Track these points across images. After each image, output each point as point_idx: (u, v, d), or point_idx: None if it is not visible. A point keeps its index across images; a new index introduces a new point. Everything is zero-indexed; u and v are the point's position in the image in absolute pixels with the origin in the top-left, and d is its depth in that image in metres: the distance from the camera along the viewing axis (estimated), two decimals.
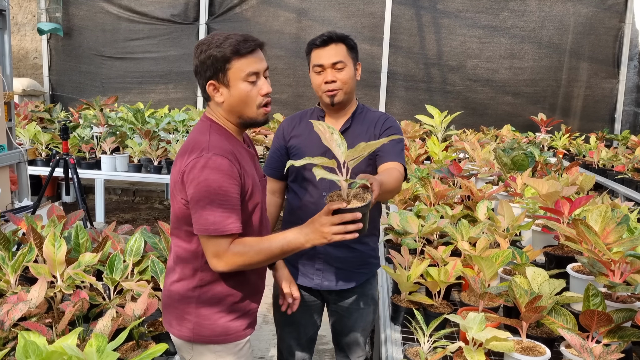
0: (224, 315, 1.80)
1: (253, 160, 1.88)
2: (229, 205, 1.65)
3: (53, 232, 2.10)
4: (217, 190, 1.64)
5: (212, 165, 1.64)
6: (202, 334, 1.79)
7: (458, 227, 2.75)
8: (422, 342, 1.93)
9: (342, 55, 2.26)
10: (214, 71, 1.71)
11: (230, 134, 1.81)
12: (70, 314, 1.77)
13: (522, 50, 7.86)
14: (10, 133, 3.82)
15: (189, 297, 1.79)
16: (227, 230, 1.65)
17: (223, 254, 1.67)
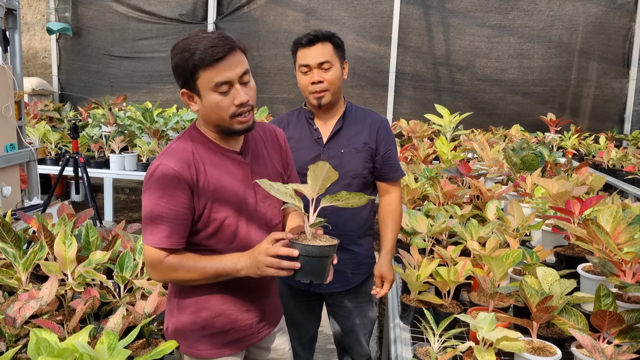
0: (197, 328, 1.75)
1: (245, 169, 1.74)
2: (166, 219, 1.58)
3: (64, 231, 2.11)
4: (155, 202, 1.58)
5: (156, 175, 1.59)
6: (177, 339, 1.75)
7: (467, 227, 2.75)
8: (432, 342, 1.93)
9: (329, 55, 2.22)
10: (184, 80, 1.61)
11: (209, 141, 1.69)
12: (81, 311, 1.78)
13: (531, 49, 7.83)
14: (20, 132, 3.85)
15: (172, 300, 1.78)
16: (159, 243, 1.59)
17: (157, 265, 1.62)
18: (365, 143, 2.32)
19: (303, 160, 2.23)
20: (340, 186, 2.23)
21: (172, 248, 1.60)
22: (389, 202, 2.42)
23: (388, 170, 2.38)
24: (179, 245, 1.62)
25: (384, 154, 2.35)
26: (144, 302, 1.93)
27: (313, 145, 2.30)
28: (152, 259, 1.61)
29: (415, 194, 3.51)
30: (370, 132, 2.33)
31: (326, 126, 2.34)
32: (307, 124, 2.34)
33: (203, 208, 1.64)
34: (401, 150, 5.15)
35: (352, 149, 2.30)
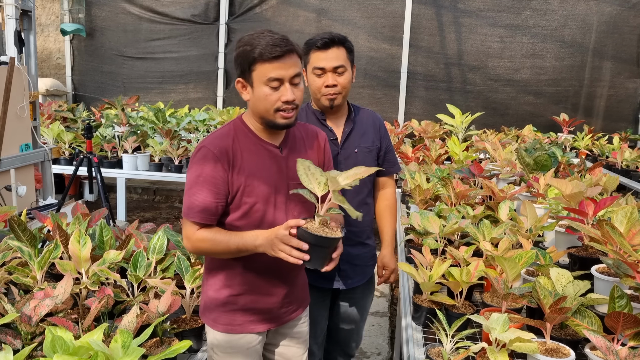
0: (219, 304, 1.91)
1: (280, 162, 1.88)
2: (200, 195, 1.77)
3: (78, 230, 2.13)
4: (194, 180, 1.78)
5: (198, 157, 1.80)
6: (204, 314, 1.95)
7: (480, 228, 2.74)
8: (444, 343, 1.92)
9: (343, 59, 2.28)
10: (242, 70, 1.79)
11: (250, 132, 1.86)
12: (96, 310, 1.80)
13: (544, 49, 7.78)
14: (35, 132, 3.88)
15: (204, 276, 1.97)
16: (193, 217, 1.78)
17: (190, 236, 1.81)
18: (373, 141, 2.47)
19: None
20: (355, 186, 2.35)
21: (205, 223, 1.79)
22: (387, 196, 2.60)
23: (387, 165, 2.54)
24: (210, 221, 1.79)
25: (385, 150, 2.53)
26: (157, 301, 1.94)
27: (330, 146, 2.34)
28: (186, 231, 1.82)
29: (427, 194, 3.50)
30: (374, 130, 2.48)
31: (337, 127, 2.41)
32: (319, 124, 2.38)
33: (236, 191, 1.80)
34: (413, 150, 5.14)
35: (364, 148, 2.44)
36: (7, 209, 2.70)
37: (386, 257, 2.59)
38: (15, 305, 1.90)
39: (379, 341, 3.66)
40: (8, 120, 3.42)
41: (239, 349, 1.92)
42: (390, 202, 2.60)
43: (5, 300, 1.85)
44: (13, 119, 3.55)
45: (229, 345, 1.91)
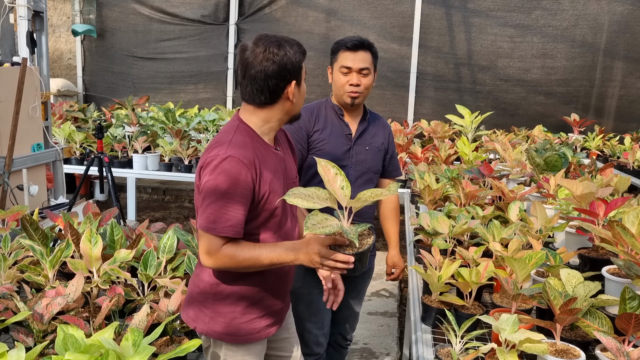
0: (237, 316, 1.84)
1: (281, 163, 1.88)
2: (232, 208, 1.68)
3: (89, 229, 2.15)
4: (224, 192, 1.68)
5: (225, 167, 1.68)
6: (214, 330, 1.83)
7: (489, 228, 2.73)
8: (453, 343, 1.92)
9: (369, 62, 2.46)
10: (296, 72, 1.78)
11: (257, 136, 1.82)
12: (107, 308, 1.81)
13: (554, 49, 7.73)
14: (46, 132, 3.91)
15: (207, 292, 1.84)
16: (222, 232, 1.69)
17: (214, 252, 1.71)
18: (382, 143, 2.63)
19: (335, 152, 2.45)
20: (364, 180, 2.56)
21: (235, 237, 1.71)
22: (391, 199, 2.79)
23: (392, 168, 2.73)
24: (241, 235, 1.72)
25: (391, 154, 2.70)
26: (168, 300, 1.96)
27: (344, 140, 2.50)
28: (210, 246, 1.70)
29: (437, 195, 3.49)
30: (384, 133, 2.66)
31: (353, 123, 2.55)
32: (337, 118, 2.52)
33: (260, 199, 1.76)
34: (422, 150, 5.13)
35: (374, 147, 2.58)
36: (19, 208, 2.73)
37: (395, 257, 2.79)
38: (28, 304, 1.92)
39: (387, 341, 3.66)
40: (20, 121, 3.45)
41: (256, 353, 1.90)
42: (394, 205, 2.80)
43: (17, 299, 1.87)
44: (25, 119, 3.58)
45: (247, 353, 1.87)
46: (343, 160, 2.49)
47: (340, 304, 2.71)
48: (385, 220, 2.79)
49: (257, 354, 1.90)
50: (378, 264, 3.20)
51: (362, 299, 2.82)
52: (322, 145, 2.45)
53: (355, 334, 3.74)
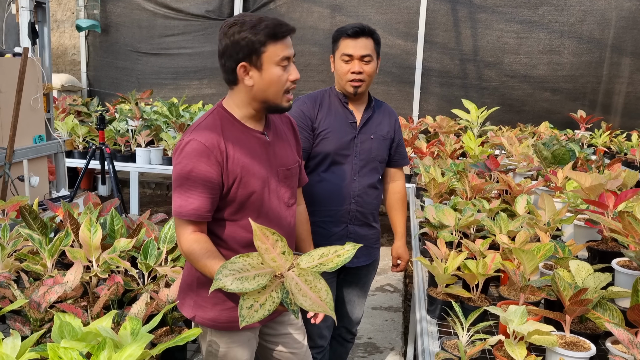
0: (219, 302, 1.79)
1: (265, 147, 1.82)
2: (194, 192, 1.66)
3: (89, 218, 2.11)
4: (186, 175, 1.66)
5: (187, 150, 1.67)
6: (199, 315, 1.80)
7: (496, 221, 2.68)
8: (460, 335, 1.87)
9: (371, 49, 2.39)
10: (248, 53, 1.68)
11: (235, 120, 1.77)
12: (105, 296, 1.77)
13: (561, 45, 7.66)
14: (48, 124, 3.88)
15: (192, 276, 1.81)
16: (187, 215, 1.66)
17: (182, 238, 1.69)
18: (388, 131, 2.57)
19: (340, 141, 2.40)
20: (368, 169, 2.48)
21: (200, 221, 1.68)
22: (398, 189, 2.72)
23: (399, 157, 2.66)
24: (205, 219, 1.69)
25: (398, 142, 2.63)
26: (168, 290, 1.92)
27: (348, 128, 2.44)
28: (179, 231, 1.69)
29: (442, 188, 3.44)
30: (389, 121, 2.59)
31: (357, 112, 2.49)
32: (341, 106, 2.46)
33: (231, 184, 1.71)
34: (427, 145, 5.08)
35: (380, 136, 2.52)
36: (19, 199, 2.69)
37: (400, 248, 2.72)
38: (25, 292, 1.88)
39: (392, 336, 3.61)
40: (22, 112, 3.42)
41: (241, 342, 1.84)
42: (401, 195, 2.71)
43: (14, 287, 1.84)
44: (27, 110, 3.55)
45: (231, 341, 1.83)
46: (347, 149, 2.44)
47: (345, 297, 2.68)
48: (391, 210, 2.73)
49: (244, 342, 1.84)
50: (383, 259, 3.14)
51: (366, 292, 2.77)
52: (326, 133, 2.40)
53: (360, 329, 3.70)
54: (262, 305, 1.35)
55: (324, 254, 1.39)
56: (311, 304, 1.31)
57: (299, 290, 1.33)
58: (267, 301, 1.36)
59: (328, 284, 2.49)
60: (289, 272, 1.37)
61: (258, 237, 1.35)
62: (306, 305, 1.31)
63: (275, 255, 1.36)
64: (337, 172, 2.42)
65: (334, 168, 2.43)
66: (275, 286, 1.39)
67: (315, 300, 1.31)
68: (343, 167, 2.43)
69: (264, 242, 1.36)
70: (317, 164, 2.42)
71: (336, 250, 1.39)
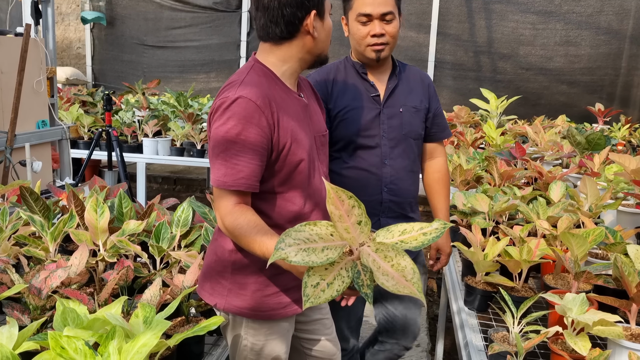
0: (260, 287, 1.57)
1: (305, 110, 1.62)
2: (244, 158, 1.43)
3: (95, 198, 1.92)
4: (233, 138, 1.42)
5: (235, 110, 1.43)
6: (234, 304, 1.57)
7: (533, 207, 2.50)
8: (510, 327, 1.68)
9: (392, 5, 1.98)
10: (318, 2, 1.52)
11: (277, 78, 1.56)
12: (114, 281, 1.58)
13: (578, 36, 7.44)
14: (52, 109, 3.70)
15: (225, 260, 1.58)
16: (234, 185, 1.43)
17: (225, 211, 1.44)
18: (421, 101, 2.13)
19: (362, 121, 2.02)
20: (401, 149, 2.08)
21: (249, 191, 1.46)
22: (438, 167, 2.24)
23: (437, 129, 2.21)
24: (255, 189, 1.46)
25: (434, 112, 2.18)
26: (183, 276, 1.73)
27: (370, 104, 2.06)
28: (221, 205, 1.45)
29: (469, 176, 3.25)
30: (422, 88, 2.15)
31: (380, 83, 2.09)
32: (360, 79, 2.07)
33: (281, 149, 1.49)
34: None
35: (411, 107, 2.10)
36: (20, 183, 2.51)
37: (442, 238, 2.21)
38: (24, 277, 1.69)
39: None
40: (24, 95, 3.24)
41: (280, 333, 1.61)
42: (442, 174, 2.24)
43: (12, 271, 1.65)
44: (29, 93, 3.36)
45: (270, 332, 1.59)
46: (372, 129, 2.05)
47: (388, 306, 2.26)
48: (431, 192, 2.25)
49: (283, 334, 1.62)
50: None
51: (415, 301, 2.27)
52: (344, 114, 2.03)
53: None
54: (329, 285, 1.13)
55: (406, 230, 1.17)
56: (394, 284, 1.09)
57: (377, 268, 1.11)
58: (336, 280, 1.14)
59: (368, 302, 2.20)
60: (363, 247, 1.14)
61: (332, 201, 1.11)
62: (388, 285, 1.09)
63: (349, 225, 1.13)
64: (364, 157, 2.05)
65: (360, 153, 2.05)
66: (346, 263, 1.16)
67: (399, 280, 1.09)
68: (371, 151, 2.05)
69: (338, 208, 1.11)
70: (340, 150, 2.07)
71: (422, 227, 1.16)
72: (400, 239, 1.17)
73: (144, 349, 1.22)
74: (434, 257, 2.20)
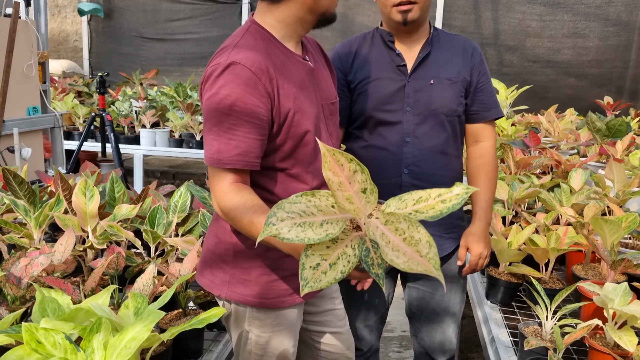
0: (266, 272, 1.40)
1: (311, 75, 1.42)
2: (240, 131, 1.26)
3: (84, 180, 1.75)
4: (227, 109, 1.25)
5: (228, 76, 1.26)
6: (237, 291, 1.39)
7: (556, 194, 2.34)
8: (543, 320, 1.51)
9: None
10: None
11: (276, 41, 1.37)
12: (102, 267, 1.41)
13: (586, 28, 7.27)
14: (44, 96, 3.53)
15: (226, 243, 1.41)
16: (230, 162, 1.26)
17: (220, 190, 1.27)
18: (459, 72, 1.81)
19: (382, 93, 1.78)
20: (428, 127, 1.80)
21: (245, 169, 1.29)
22: (481, 152, 1.87)
23: (480, 107, 1.85)
24: (255, 166, 1.29)
25: (478, 87, 1.84)
26: (180, 265, 1.56)
27: (395, 74, 1.80)
28: (216, 184, 1.29)
29: None
30: (463, 59, 1.83)
31: (410, 52, 1.82)
32: (385, 47, 1.83)
33: (283, 120, 1.31)
34: None
35: (445, 79, 1.80)
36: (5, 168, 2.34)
37: (475, 235, 1.80)
38: (2, 266, 1.53)
39: None
40: (14, 79, 3.07)
41: (288, 324, 1.44)
42: (485, 161, 1.87)
43: None
44: (19, 77, 3.20)
45: (277, 322, 1.42)
46: (394, 103, 1.79)
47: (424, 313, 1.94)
48: (470, 182, 1.91)
49: (291, 325, 1.45)
50: None
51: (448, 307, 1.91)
52: (364, 85, 1.80)
53: (391, 320, 3.33)
54: (332, 266, 0.94)
55: (422, 198, 0.96)
56: (406, 261, 0.88)
57: (387, 242, 0.91)
58: (340, 260, 0.94)
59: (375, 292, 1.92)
60: (371, 220, 0.94)
61: (329, 166, 0.92)
62: (399, 262, 0.89)
63: (352, 194, 0.93)
64: (383, 135, 1.81)
65: (380, 130, 1.81)
66: (352, 240, 0.96)
67: (413, 256, 0.88)
68: (391, 127, 1.80)
69: (337, 174, 0.92)
70: (360, 127, 1.85)
71: (440, 194, 0.94)
72: (415, 208, 0.96)
73: (133, 344, 1.05)
74: (463, 258, 1.81)
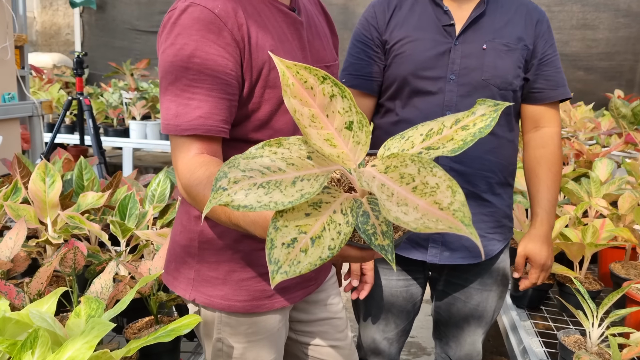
0: (236, 268, 1.13)
1: (296, 29, 1.16)
2: (201, 88, 0.99)
3: (44, 164, 1.50)
4: (184, 62, 0.99)
5: (184, 22, 0.99)
6: (202, 291, 1.13)
7: (583, 184, 2.09)
8: (588, 329, 1.26)
9: None
10: None
11: None
12: (50, 266, 1.16)
13: (596, 19, 7.02)
14: (22, 82, 3.28)
15: (191, 231, 1.14)
16: (187, 127, 0.99)
17: (181, 163, 1.00)
18: (519, 38, 1.49)
19: (422, 56, 1.47)
20: (475, 100, 1.41)
21: (211, 136, 1.00)
22: (544, 141, 1.54)
23: (544, 84, 1.51)
24: (221, 132, 1.01)
25: (544, 59, 1.51)
26: (151, 262, 1.30)
27: (439, 35, 1.49)
28: (177, 155, 1.01)
29: None
30: (527, 23, 1.51)
31: (461, 10, 1.50)
32: (430, 2, 1.52)
33: (256, 78, 1.04)
34: None
35: (501, 44, 1.48)
36: None
37: (536, 242, 1.51)
38: None
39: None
40: None
41: (266, 333, 1.17)
42: (548, 151, 1.54)
43: None
44: None
45: (252, 331, 1.16)
46: (435, 69, 1.47)
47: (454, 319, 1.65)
48: (529, 176, 1.58)
49: (271, 333, 1.17)
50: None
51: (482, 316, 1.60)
52: (401, 46, 1.49)
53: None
54: (315, 240, 0.62)
55: (433, 131, 0.66)
56: (419, 217, 0.55)
57: (389, 195, 0.58)
58: (327, 231, 0.63)
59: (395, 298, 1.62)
60: (366, 169, 0.64)
61: (292, 91, 0.62)
62: (409, 220, 0.55)
63: (332, 132, 0.63)
64: (419, 107, 1.49)
65: (417, 101, 1.50)
66: (341, 203, 0.66)
67: (429, 210, 0.55)
68: (429, 98, 1.48)
69: (307, 103, 0.62)
70: (392, 98, 1.54)
71: (458, 120, 0.65)
72: (426, 145, 0.66)
73: None
74: (520, 268, 1.53)
